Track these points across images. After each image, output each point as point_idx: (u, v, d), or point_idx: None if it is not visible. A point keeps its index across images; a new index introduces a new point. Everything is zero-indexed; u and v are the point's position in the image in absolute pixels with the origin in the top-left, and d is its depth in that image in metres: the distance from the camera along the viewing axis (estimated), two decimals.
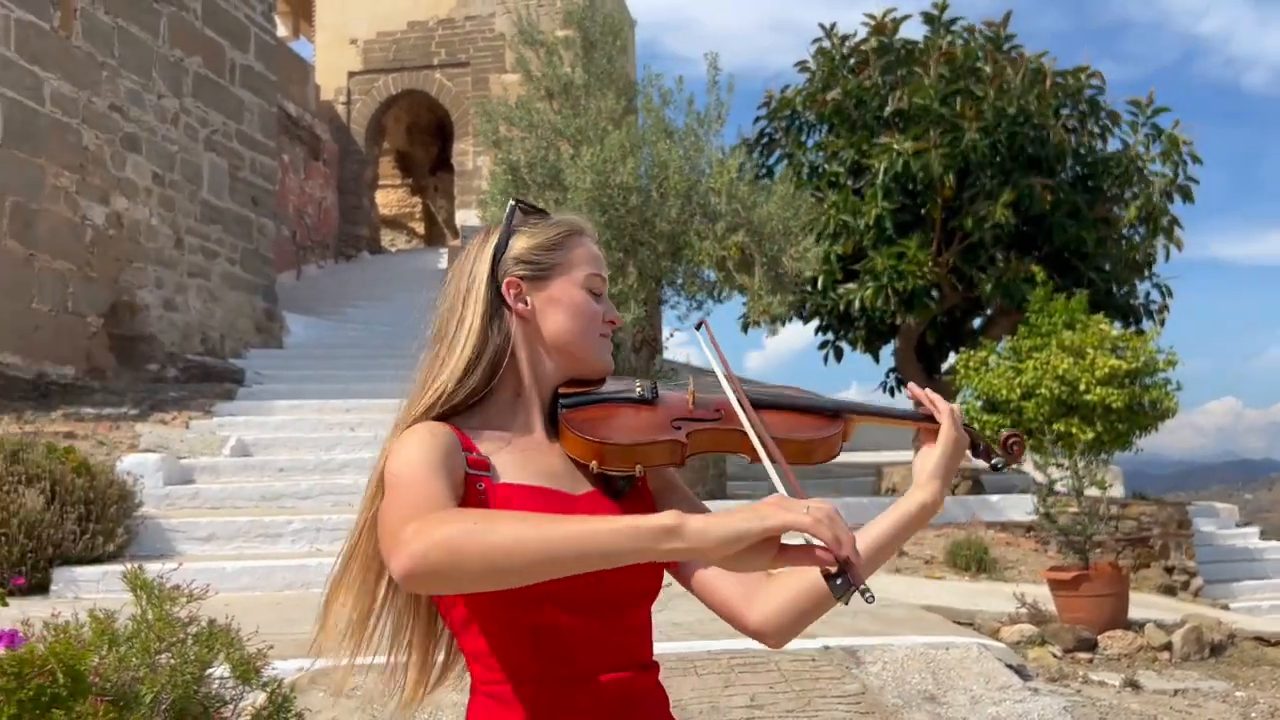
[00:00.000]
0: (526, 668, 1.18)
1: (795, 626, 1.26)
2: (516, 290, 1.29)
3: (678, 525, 0.96)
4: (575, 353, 1.30)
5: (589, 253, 1.33)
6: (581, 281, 1.30)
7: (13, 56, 8.94)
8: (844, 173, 11.60)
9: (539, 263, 1.30)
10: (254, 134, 12.39)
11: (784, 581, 1.25)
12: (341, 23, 19.33)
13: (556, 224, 1.34)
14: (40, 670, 2.14)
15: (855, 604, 1.05)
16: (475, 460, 1.20)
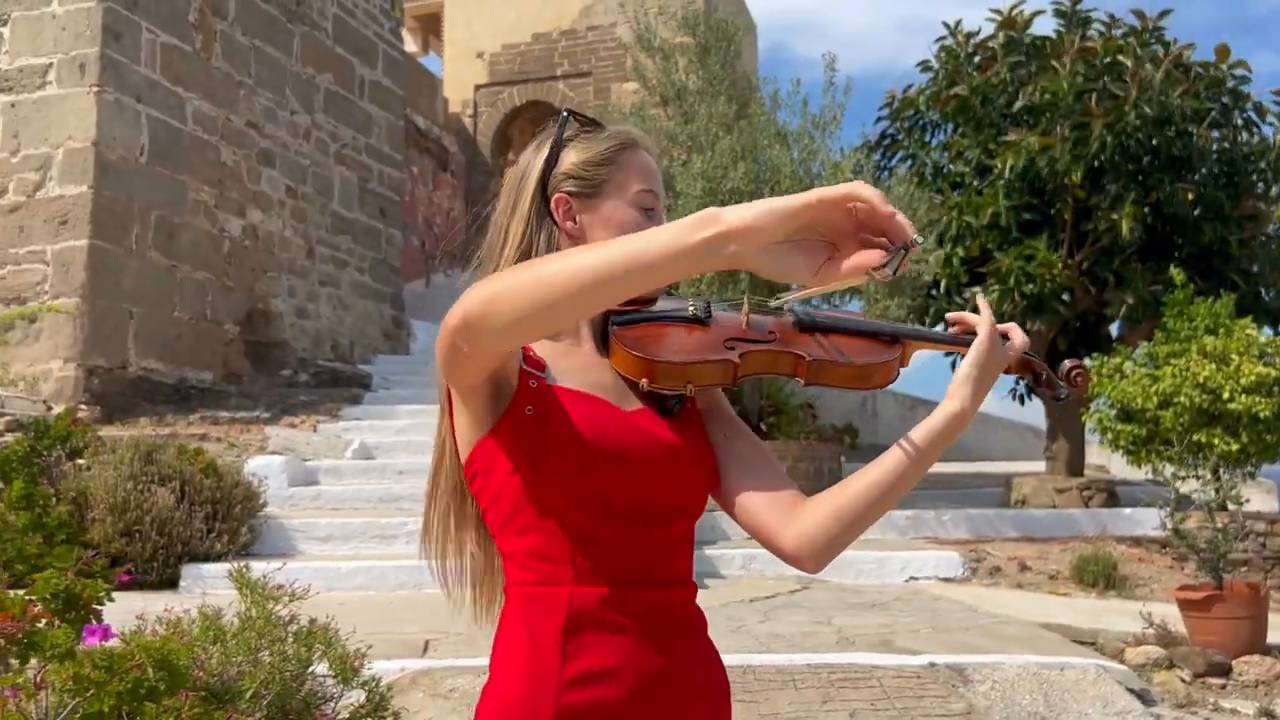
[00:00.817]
0: (562, 571, 1.16)
1: (825, 550, 1.22)
2: (566, 208, 1.26)
3: (715, 213, 0.97)
4: None
5: (642, 167, 1.28)
6: (632, 199, 1.26)
7: (158, 78, 9.45)
8: (969, 172, 11.27)
9: (589, 178, 1.26)
10: (382, 147, 12.79)
11: (816, 506, 1.22)
12: (468, 37, 19.83)
13: (608, 136, 1.30)
14: (131, 664, 2.23)
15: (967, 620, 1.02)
16: (531, 358, 1.20)
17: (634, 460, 1.17)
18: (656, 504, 1.19)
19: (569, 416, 1.16)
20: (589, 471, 1.15)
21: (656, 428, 1.21)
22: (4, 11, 9.15)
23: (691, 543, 1.27)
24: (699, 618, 1.26)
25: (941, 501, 10.75)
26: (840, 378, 1.25)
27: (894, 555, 6.99)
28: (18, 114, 9.00)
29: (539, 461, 1.15)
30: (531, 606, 1.17)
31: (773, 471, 1.28)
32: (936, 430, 1.21)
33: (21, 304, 8.68)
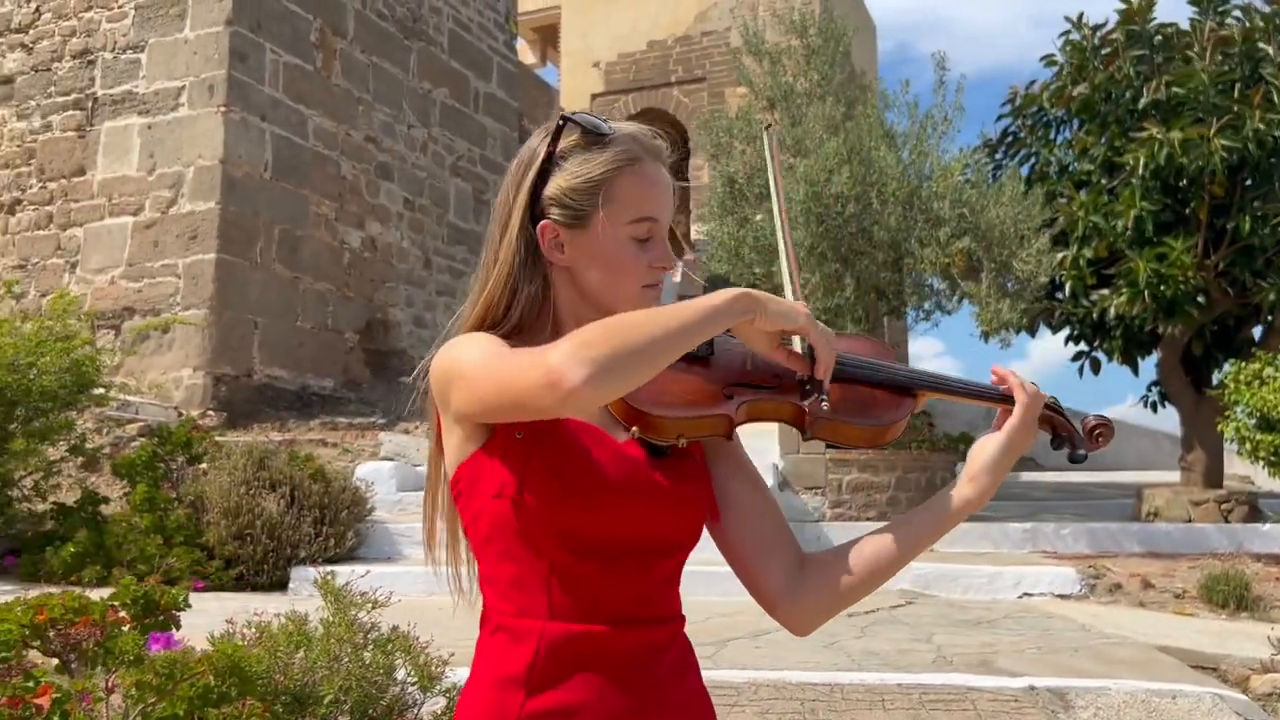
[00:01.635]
0: (538, 603, 1.12)
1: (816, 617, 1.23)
2: (554, 237, 1.18)
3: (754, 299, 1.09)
4: (611, 306, 1.18)
5: (638, 191, 1.18)
6: (624, 228, 1.17)
7: (281, 97, 9.85)
8: (1096, 170, 10.79)
9: (575, 207, 1.17)
10: (496, 159, 13.03)
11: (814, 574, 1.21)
12: (584, 47, 20.06)
13: (603, 152, 1.18)
14: (193, 670, 2.30)
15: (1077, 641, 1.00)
16: None
17: (622, 493, 1.13)
18: (643, 539, 1.15)
19: (558, 443, 1.12)
20: (573, 503, 1.11)
21: (646, 461, 1.16)
22: (142, 39, 9.68)
23: (678, 578, 1.22)
24: (687, 656, 1.21)
25: (1065, 513, 10.32)
26: (846, 436, 1.18)
27: (1007, 570, 6.72)
28: (153, 135, 9.50)
29: (522, 488, 1.11)
30: (504, 637, 1.14)
31: (766, 513, 1.23)
32: (949, 519, 1.19)
33: (156, 315, 9.15)
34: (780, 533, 1.23)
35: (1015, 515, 9.69)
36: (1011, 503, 11.60)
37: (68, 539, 5.65)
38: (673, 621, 1.20)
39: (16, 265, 9.85)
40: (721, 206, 8.48)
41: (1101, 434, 1.25)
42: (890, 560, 1.19)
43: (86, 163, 9.72)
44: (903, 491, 8.41)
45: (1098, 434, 1.25)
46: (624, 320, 1.03)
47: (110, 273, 9.46)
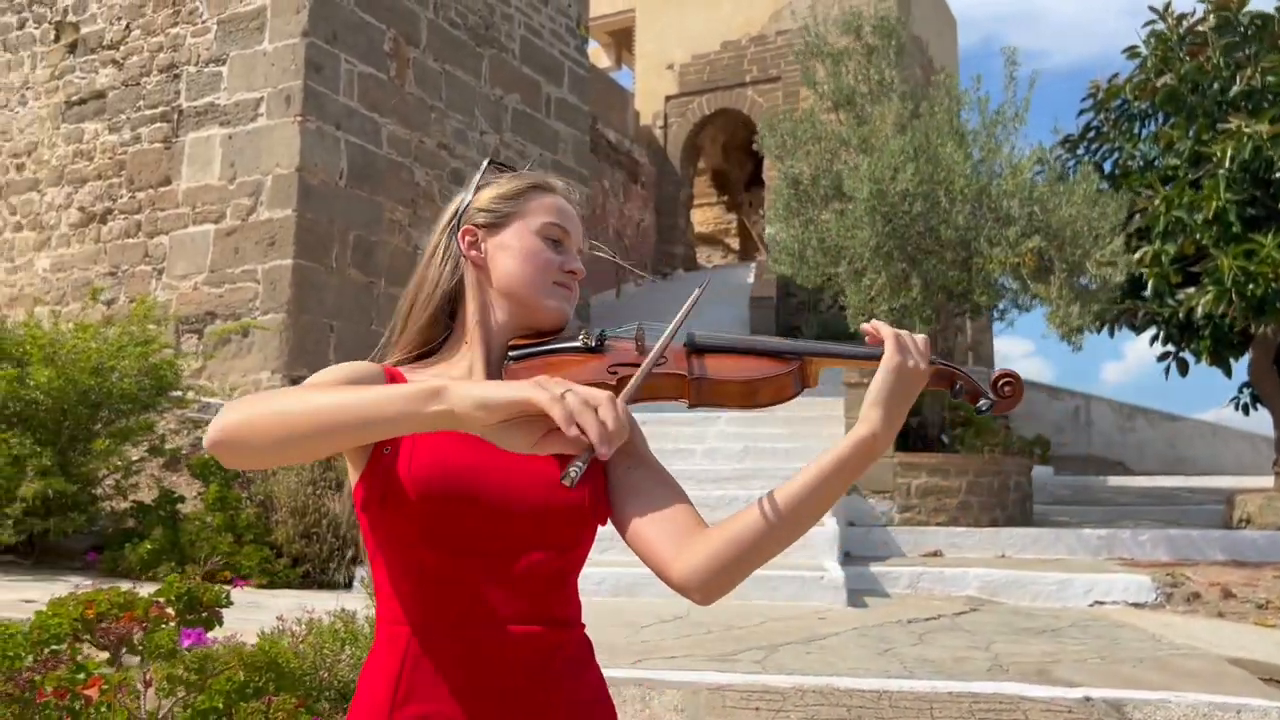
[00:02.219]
0: (408, 609, 1.16)
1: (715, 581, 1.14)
2: (472, 238, 1.31)
3: (442, 387, 1.00)
4: (524, 299, 1.28)
5: (552, 204, 1.33)
6: (538, 229, 1.31)
7: (355, 106, 10.08)
8: (1181, 165, 10.44)
9: (496, 210, 1.32)
10: (569, 163, 13.14)
11: (712, 536, 1.16)
12: (659, 50, 20.11)
13: (521, 177, 1.37)
14: (225, 665, 2.37)
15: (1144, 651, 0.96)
16: None
17: (489, 496, 1.15)
18: (513, 541, 1.16)
19: (422, 452, 1.15)
20: (434, 508, 1.13)
21: (525, 465, 1.17)
22: (223, 52, 10.00)
23: (564, 581, 1.21)
24: (573, 660, 1.20)
25: (1150, 519, 10.01)
26: (725, 395, 1.20)
27: (1078, 578, 6.55)
28: (234, 145, 9.81)
29: (387, 498, 1.15)
30: (382, 642, 1.18)
31: (669, 498, 1.22)
32: (845, 458, 1.13)
33: (236, 319, 9.45)
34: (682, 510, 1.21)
35: (1093, 521, 9.44)
36: (1096, 508, 11.29)
37: (145, 536, 5.87)
38: (557, 626, 1.19)
39: (108, 272, 10.26)
40: (787, 208, 8.43)
41: (1009, 384, 1.20)
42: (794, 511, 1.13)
43: (172, 173, 10.08)
44: (974, 495, 8.25)
45: (1004, 385, 1.20)
46: (285, 393, 1.05)
47: (194, 278, 9.79)
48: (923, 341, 1.19)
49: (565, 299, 1.31)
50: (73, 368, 5.94)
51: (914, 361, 1.16)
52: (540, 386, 0.99)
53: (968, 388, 1.21)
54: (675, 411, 8.82)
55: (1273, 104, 9.64)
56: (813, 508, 1.13)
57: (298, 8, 9.64)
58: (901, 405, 1.16)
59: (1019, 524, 8.22)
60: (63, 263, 10.60)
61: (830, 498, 1.14)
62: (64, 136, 10.79)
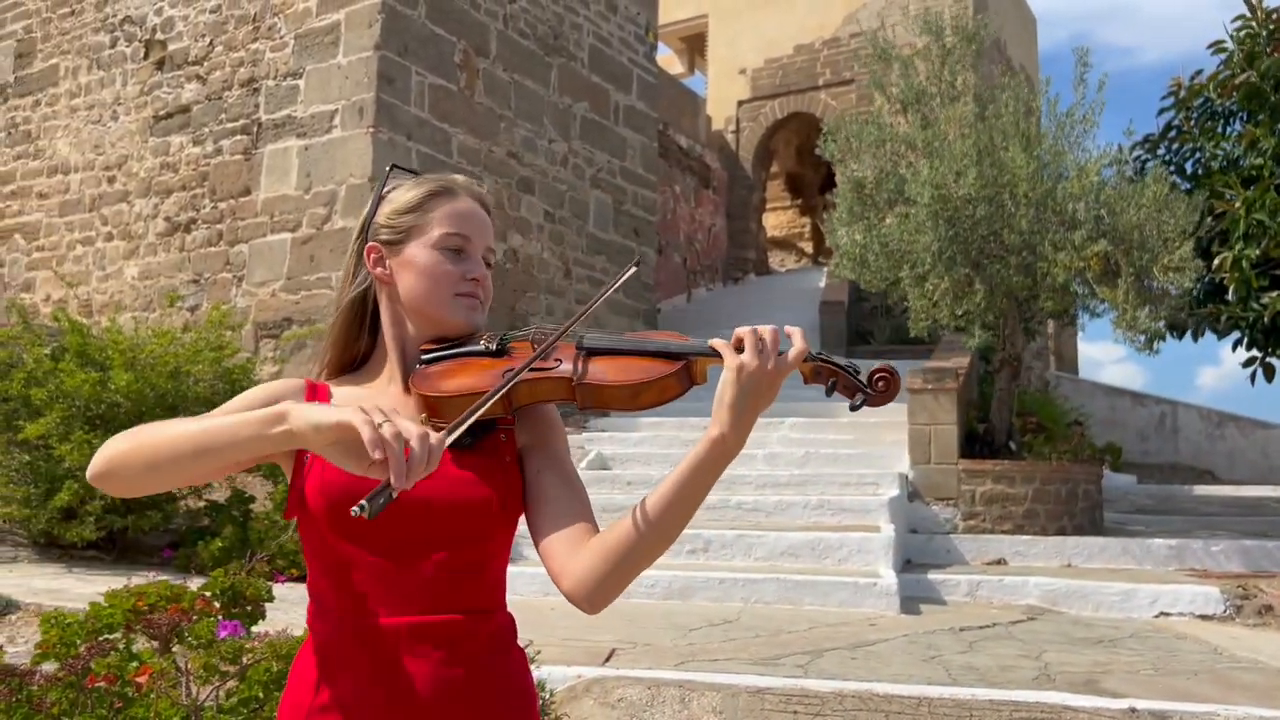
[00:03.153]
0: (326, 605, 1.23)
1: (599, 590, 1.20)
2: (376, 255, 1.35)
3: (285, 410, 1.06)
4: (428, 312, 1.33)
5: (450, 212, 1.34)
6: (436, 241, 1.32)
7: (426, 116, 10.33)
8: (1266, 164, 10.11)
9: (395, 227, 1.34)
10: (636, 169, 13.26)
11: (593, 546, 1.21)
12: (731, 55, 20.12)
13: (418, 185, 1.36)
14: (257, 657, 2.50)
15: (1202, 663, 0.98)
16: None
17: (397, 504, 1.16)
18: (423, 536, 1.22)
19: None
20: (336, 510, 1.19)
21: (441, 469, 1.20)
22: (300, 66, 10.34)
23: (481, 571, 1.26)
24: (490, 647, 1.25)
25: (1228, 529, 9.71)
26: (608, 398, 1.24)
27: (1143, 588, 6.41)
28: (309, 156, 10.13)
29: (304, 502, 1.23)
30: (309, 640, 1.26)
31: (571, 508, 1.26)
32: (699, 460, 1.16)
33: (311, 325, 9.74)
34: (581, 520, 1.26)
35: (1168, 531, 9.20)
36: (1176, 517, 10.98)
37: (217, 534, 6.12)
38: (473, 614, 1.24)
39: (192, 280, 10.67)
40: (849, 212, 8.39)
41: (883, 379, 1.19)
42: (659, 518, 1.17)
43: (251, 183, 10.44)
44: (1041, 504, 8.11)
45: (879, 380, 1.19)
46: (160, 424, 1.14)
47: (271, 285, 10.13)
48: (770, 335, 1.17)
49: (470, 309, 1.35)
50: (151, 372, 6.22)
51: (756, 363, 1.15)
52: (361, 411, 1.02)
53: (842, 384, 1.20)
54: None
55: None
56: (678, 512, 1.17)
57: (370, 22, 9.91)
58: (748, 403, 1.15)
59: (1087, 533, 8.06)
60: (150, 270, 11.05)
61: (694, 500, 1.18)
62: (151, 149, 11.25)
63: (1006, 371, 8.58)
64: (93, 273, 11.53)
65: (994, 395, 8.80)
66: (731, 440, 1.16)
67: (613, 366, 1.26)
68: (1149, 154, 11.63)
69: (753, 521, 7.20)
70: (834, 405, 10.59)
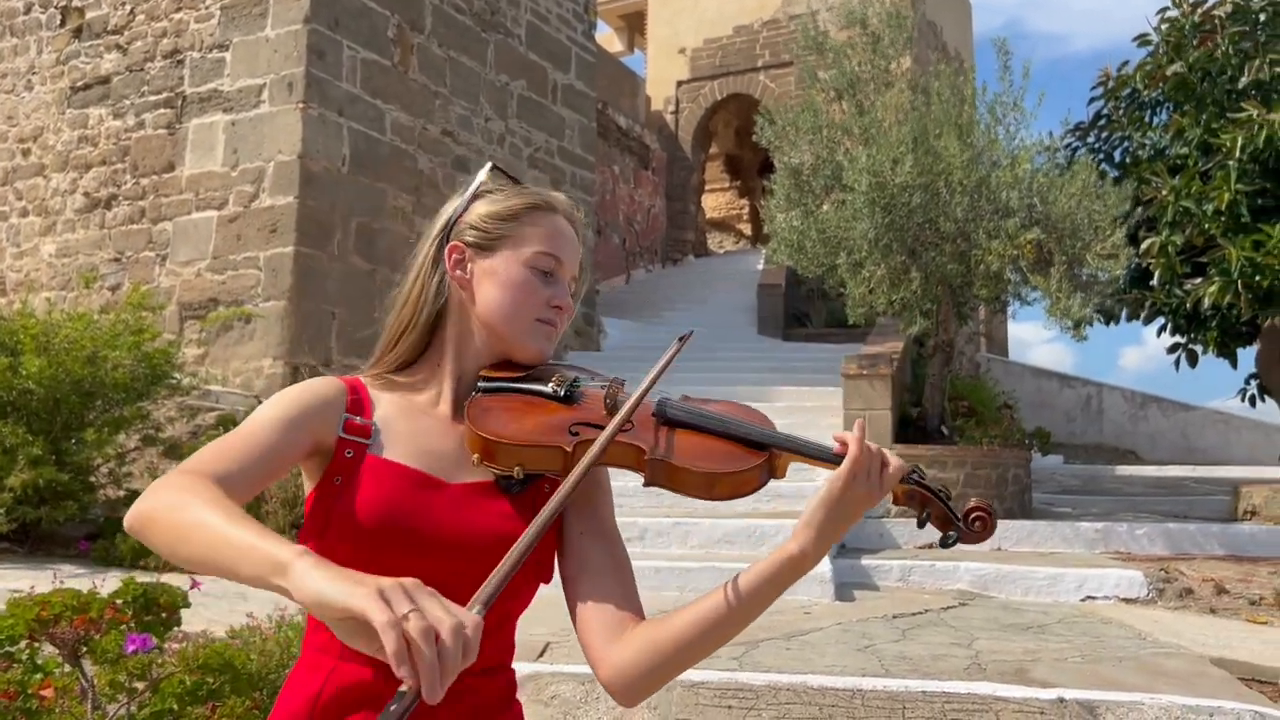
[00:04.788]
0: (334, 642, 1.12)
1: (640, 685, 1.13)
2: (459, 256, 1.25)
3: (288, 563, 0.88)
4: (503, 331, 1.23)
5: (548, 230, 1.25)
6: (528, 258, 1.23)
7: (359, 92, 10.08)
8: (1191, 154, 10.32)
9: (488, 231, 1.25)
10: (575, 149, 13.11)
11: (638, 637, 1.13)
12: (671, 34, 20.00)
13: (521, 194, 1.27)
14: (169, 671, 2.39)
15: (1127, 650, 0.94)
16: (355, 425, 1.17)
17: (433, 539, 1.13)
18: (454, 586, 1.11)
19: (367, 490, 1.13)
20: (376, 546, 1.11)
21: (480, 507, 1.16)
22: (226, 38, 10.01)
23: (501, 628, 1.19)
24: (496, 702, 1.19)
25: (1156, 510, 9.95)
26: (681, 482, 1.15)
27: (1070, 572, 6.52)
28: (237, 131, 9.83)
29: (328, 531, 1.13)
30: (305, 666, 1.17)
31: (617, 587, 1.19)
32: (768, 575, 1.12)
33: (239, 306, 9.49)
34: (625, 601, 1.19)
35: (1094, 513, 9.39)
36: (1101, 498, 11.24)
37: None
38: (488, 673, 1.17)
39: (113, 258, 10.32)
40: (787, 198, 8.38)
41: (980, 520, 1.13)
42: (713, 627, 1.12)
43: (175, 159, 10.11)
44: (972, 488, 8.21)
45: (976, 521, 1.13)
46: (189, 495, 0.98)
47: (197, 265, 9.83)
48: (894, 468, 1.12)
49: (547, 337, 1.26)
50: (65, 357, 5.98)
51: (865, 488, 1.10)
52: (382, 599, 0.82)
53: (936, 515, 1.15)
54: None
55: None
56: (738, 621, 1.12)
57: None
58: (839, 526, 1.11)
59: (1017, 516, 8.19)
60: (68, 248, 10.66)
61: (757, 611, 1.13)
62: (69, 122, 10.84)
63: (940, 357, 8.66)
64: (6, 249, 11.10)
65: (927, 380, 8.89)
66: (811, 560, 1.12)
67: (692, 445, 1.16)
68: (1079, 141, 11.82)
69: (689, 508, 7.19)
70: (769, 390, 10.63)
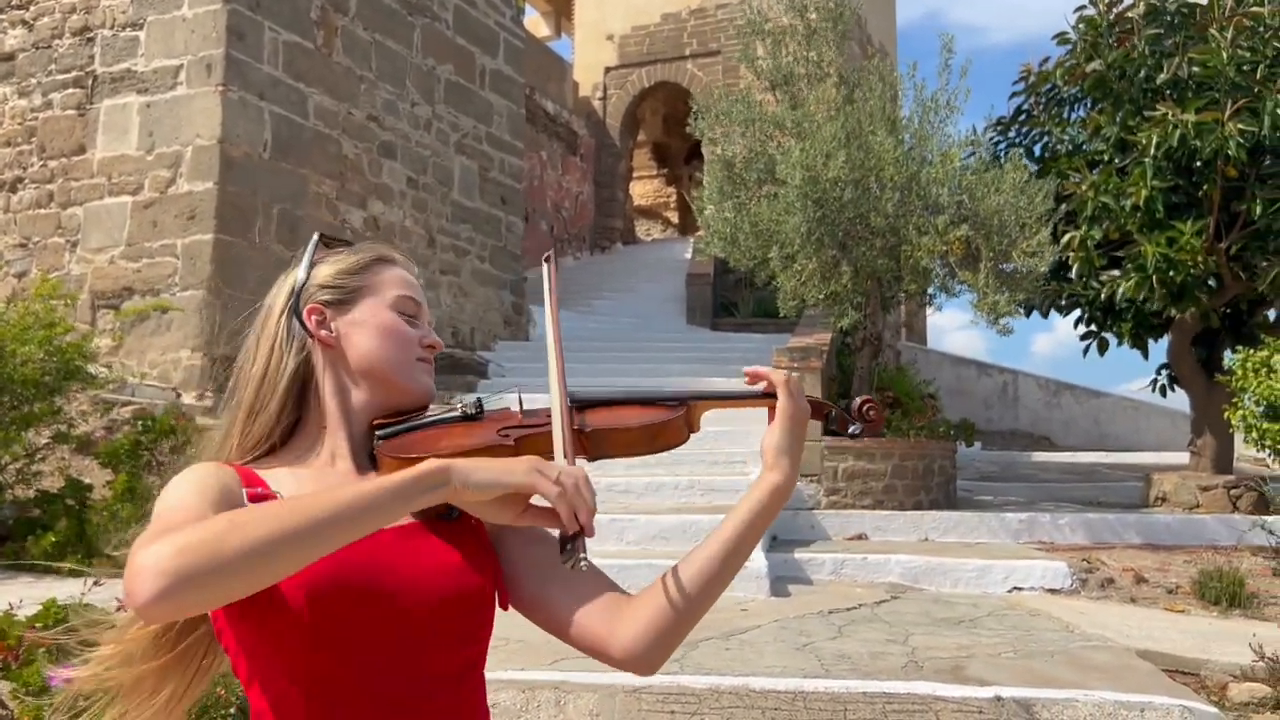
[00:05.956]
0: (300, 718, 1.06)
1: (658, 650, 1.15)
2: (320, 317, 1.22)
3: (448, 469, 0.99)
4: (386, 376, 1.21)
5: (400, 276, 1.27)
6: (391, 303, 1.24)
7: (280, 75, 9.79)
8: (1108, 150, 10.58)
9: (343, 286, 1.24)
10: (503, 136, 12.94)
11: (641, 604, 1.15)
12: (599, 19, 19.85)
13: (361, 250, 1.29)
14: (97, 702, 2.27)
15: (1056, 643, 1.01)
16: (257, 495, 1.10)
17: (388, 592, 1.07)
18: (415, 638, 1.08)
19: None
20: (328, 609, 1.04)
21: (414, 549, 1.10)
22: (140, 16, 9.63)
23: (475, 669, 1.16)
24: None
25: (1073, 495, 10.22)
26: (624, 443, 1.18)
27: (997, 564, 6.65)
28: (152, 114, 9.47)
29: (273, 600, 1.05)
30: None
31: (591, 578, 1.17)
32: (762, 507, 1.17)
33: (155, 295, 9.16)
34: (606, 585, 1.18)
35: (1016, 501, 9.60)
36: (1020, 484, 11.51)
37: (50, 527, 5.67)
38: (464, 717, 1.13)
39: (18, 244, 9.88)
40: (720, 191, 8.37)
41: (871, 408, 1.30)
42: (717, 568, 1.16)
43: (86, 141, 9.71)
44: (899, 479, 8.33)
45: (868, 409, 1.30)
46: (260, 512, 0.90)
47: (110, 252, 9.47)
48: (796, 382, 1.25)
49: (428, 374, 1.26)
50: None
51: (803, 404, 1.22)
52: (541, 472, 1.01)
53: (838, 416, 1.30)
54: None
55: (1197, 94, 9.78)
56: (736, 560, 1.17)
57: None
58: (800, 447, 1.22)
59: (942, 507, 8.33)
60: None
61: (752, 544, 1.18)
62: None
63: (868, 350, 8.75)
64: None
65: (855, 373, 8.98)
66: (793, 483, 1.20)
67: (614, 415, 1.20)
68: (1000, 135, 12.04)
69: (624, 504, 7.15)
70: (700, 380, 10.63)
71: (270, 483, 1.14)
